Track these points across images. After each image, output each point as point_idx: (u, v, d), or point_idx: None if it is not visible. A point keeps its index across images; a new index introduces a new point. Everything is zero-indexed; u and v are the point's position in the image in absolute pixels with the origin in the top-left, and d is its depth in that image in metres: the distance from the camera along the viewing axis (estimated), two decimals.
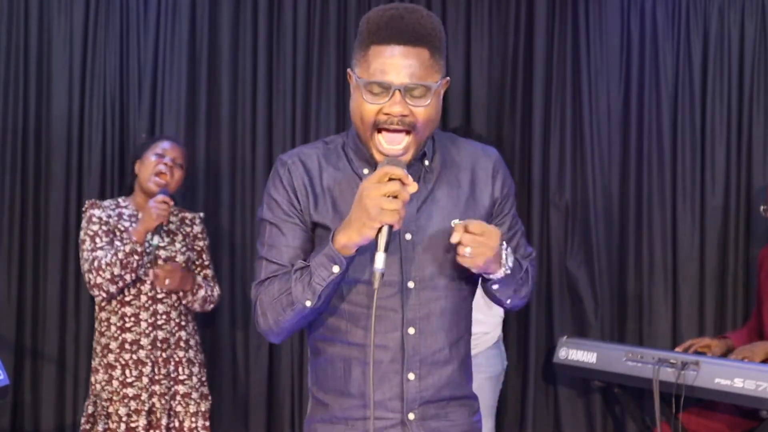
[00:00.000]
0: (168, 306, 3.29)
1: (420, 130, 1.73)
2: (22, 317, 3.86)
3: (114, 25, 3.90)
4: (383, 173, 1.63)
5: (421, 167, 1.83)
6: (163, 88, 3.90)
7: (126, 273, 3.14)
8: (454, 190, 1.85)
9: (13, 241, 3.86)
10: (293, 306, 1.72)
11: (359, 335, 1.78)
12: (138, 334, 3.25)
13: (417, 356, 1.79)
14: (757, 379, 3.04)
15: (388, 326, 1.77)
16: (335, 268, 1.67)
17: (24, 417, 3.85)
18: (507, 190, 1.91)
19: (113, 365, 3.24)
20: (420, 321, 1.79)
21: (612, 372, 3.45)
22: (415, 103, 1.70)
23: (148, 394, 3.23)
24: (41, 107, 3.90)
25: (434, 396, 1.82)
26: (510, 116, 4.03)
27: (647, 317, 3.99)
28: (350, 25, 3.97)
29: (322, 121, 3.96)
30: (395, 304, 1.78)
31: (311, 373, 1.90)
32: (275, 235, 1.80)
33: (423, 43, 1.70)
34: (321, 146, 1.89)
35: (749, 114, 3.98)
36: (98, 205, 3.32)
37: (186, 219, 3.45)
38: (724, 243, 3.98)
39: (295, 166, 1.83)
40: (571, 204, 3.97)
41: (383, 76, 1.70)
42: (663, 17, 3.99)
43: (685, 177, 3.99)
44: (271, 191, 1.84)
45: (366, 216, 1.61)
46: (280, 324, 1.76)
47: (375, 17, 1.74)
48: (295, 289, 1.71)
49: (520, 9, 4.01)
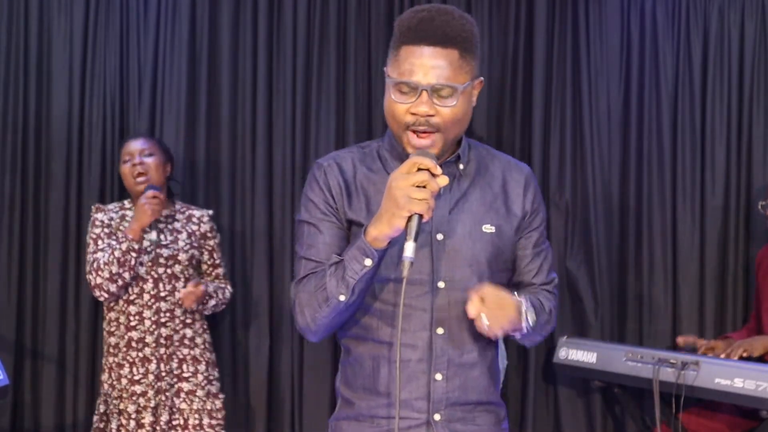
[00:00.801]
0: (171, 304, 3.33)
1: (447, 129, 1.75)
2: (22, 317, 3.86)
3: (114, 25, 3.90)
4: (412, 163, 1.65)
5: (455, 169, 1.85)
6: (163, 88, 3.90)
7: (124, 271, 3.18)
8: (487, 196, 1.87)
9: (13, 241, 3.85)
10: (328, 301, 1.73)
11: (388, 333, 1.80)
12: (143, 332, 3.29)
13: (445, 357, 1.80)
14: (757, 379, 3.04)
15: (416, 325, 1.79)
16: (367, 261, 1.69)
17: (24, 417, 3.85)
18: (537, 205, 1.92)
19: (121, 364, 3.29)
20: (449, 322, 1.80)
21: (612, 372, 3.45)
22: (442, 103, 1.73)
23: (155, 390, 3.27)
24: (41, 107, 3.89)
25: (460, 398, 1.83)
26: (510, 116, 4.03)
27: (647, 317, 3.99)
28: (350, 25, 3.97)
29: (322, 121, 3.96)
30: (425, 303, 1.79)
31: (340, 372, 1.92)
32: (313, 234, 1.82)
33: (452, 44, 1.72)
34: (356, 150, 1.92)
35: (749, 114, 3.98)
36: (102, 209, 3.40)
37: (193, 217, 3.47)
38: (724, 243, 3.98)
39: (330, 168, 1.85)
40: (571, 204, 3.97)
41: (411, 76, 1.73)
42: (663, 17, 3.99)
43: (685, 177, 3.99)
44: (308, 193, 1.86)
45: (395, 206, 1.63)
46: (317, 321, 1.77)
47: (407, 18, 1.77)
48: (330, 284, 1.72)
49: (520, 9, 4.01)
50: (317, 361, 3.90)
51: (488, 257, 1.83)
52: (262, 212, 3.91)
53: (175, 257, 3.34)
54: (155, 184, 3.35)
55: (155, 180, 3.36)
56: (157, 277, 3.32)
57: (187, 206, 3.51)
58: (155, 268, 3.32)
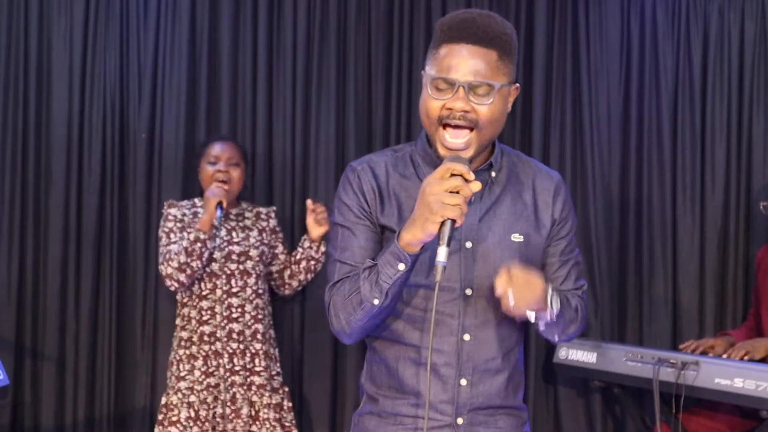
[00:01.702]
0: (242, 299, 3.40)
1: (483, 127, 1.76)
2: (22, 317, 3.86)
3: (114, 25, 3.90)
4: (445, 169, 1.67)
5: (487, 177, 1.87)
6: (163, 88, 3.90)
7: (192, 260, 3.25)
8: (517, 205, 1.89)
9: (13, 241, 3.85)
10: (362, 305, 1.76)
11: (415, 337, 1.83)
12: (214, 326, 3.37)
13: (471, 363, 1.84)
14: (757, 379, 3.04)
15: (444, 331, 1.82)
16: (401, 265, 1.71)
17: (24, 417, 3.85)
18: (566, 213, 1.94)
19: (195, 356, 3.37)
20: (476, 329, 1.84)
21: (612, 372, 3.46)
22: (478, 101, 1.74)
23: (227, 384, 3.35)
24: (41, 107, 3.89)
25: (484, 403, 1.87)
26: (510, 116, 4.00)
27: (647, 317, 3.99)
28: (350, 25, 3.97)
29: (322, 121, 3.96)
30: (453, 309, 1.82)
31: (366, 369, 1.96)
32: (347, 237, 1.84)
33: (492, 45, 1.75)
34: (390, 154, 1.93)
35: (749, 114, 3.98)
36: (175, 204, 3.48)
37: (261, 214, 3.57)
38: (724, 243, 3.98)
39: (364, 172, 1.87)
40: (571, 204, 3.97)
41: (449, 72, 1.74)
42: (663, 17, 3.99)
43: (685, 177, 3.99)
44: (342, 196, 1.88)
45: (428, 211, 1.64)
46: (351, 324, 1.80)
47: (449, 19, 1.80)
48: (364, 288, 1.74)
49: (520, 9, 4.01)
50: (317, 361, 3.90)
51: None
52: None
53: (247, 253, 3.42)
54: (234, 195, 3.48)
55: (235, 190, 3.47)
56: (230, 273, 3.39)
57: (252, 205, 3.61)
58: (227, 264, 3.39)
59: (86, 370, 3.84)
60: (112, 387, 3.87)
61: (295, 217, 3.93)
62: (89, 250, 3.86)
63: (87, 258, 3.86)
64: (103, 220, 3.89)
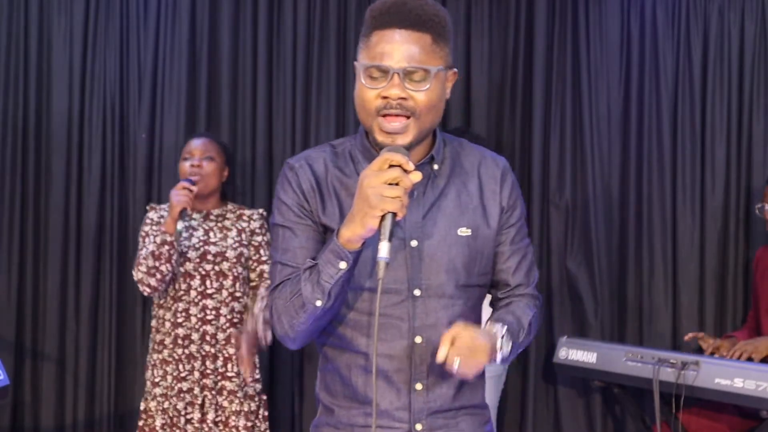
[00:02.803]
0: (218, 302, 3.29)
1: (421, 115, 1.68)
2: (22, 317, 3.86)
3: (114, 25, 3.90)
4: (383, 160, 1.59)
5: (429, 170, 1.78)
6: (163, 88, 3.91)
7: (160, 264, 3.14)
8: (462, 197, 1.80)
9: (13, 242, 3.86)
10: (305, 307, 1.67)
11: (362, 343, 1.75)
12: (189, 329, 3.27)
13: (424, 366, 1.75)
14: (757, 379, 3.04)
15: (394, 335, 1.73)
16: (342, 264, 1.62)
17: (24, 417, 3.85)
18: (514, 200, 1.85)
19: (168, 361, 3.27)
20: (428, 330, 1.74)
21: (612, 372, 3.45)
22: (414, 88, 1.67)
23: (200, 387, 3.26)
24: (41, 107, 3.90)
25: (443, 406, 1.78)
26: (510, 116, 4.03)
27: (647, 317, 3.99)
28: (350, 25, 3.97)
29: (322, 121, 3.96)
30: (402, 312, 1.73)
31: (319, 379, 1.88)
32: (288, 238, 1.77)
33: (425, 28, 1.68)
34: (328, 150, 1.83)
35: (749, 114, 3.98)
36: (154, 207, 3.37)
37: (244, 215, 3.42)
38: (724, 243, 3.98)
39: (302, 169, 1.78)
40: (571, 204, 3.97)
41: (382, 59, 1.66)
42: (663, 17, 3.99)
43: (685, 177, 3.99)
44: (281, 195, 1.80)
45: (367, 205, 1.57)
46: (295, 328, 1.71)
47: (379, 4, 1.72)
48: (305, 290, 1.66)
49: (520, 9, 4.01)
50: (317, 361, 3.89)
51: (465, 261, 1.77)
52: None
53: (223, 254, 3.30)
54: (209, 189, 3.32)
55: (209, 185, 3.32)
56: (205, 274, 3.27)
57: (239, 207, 3.46)
58: (203, 264, 3.27)
59: (86, 370, 3.85)
60: (112, 387, 3.87)
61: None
62: (89, 250, 3.87)
63: (87, 258, 3.87)
64: (103, 220, 3.89)
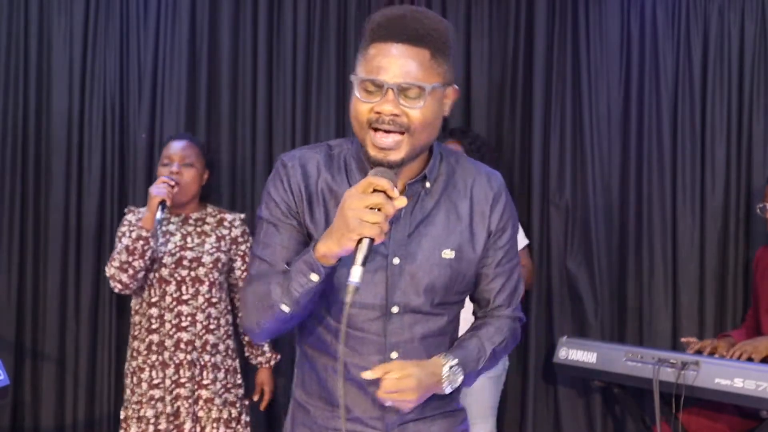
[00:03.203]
0: (193, 308, 3.22)
1: (414, 132, 1.66)
2: (22, 317, 3.86)
3: (114, 25, 3.90)
4: (367, 183, 1.57)
5: (420, 188, 1.77)
6: (163, 88, 3.90)
7: (134, 259, 3.08)
8: (451, 217, 1.78)
9: (13, 241, 3.86)
10: (272, 308, 1.68)
11: (343, 352, 1.74)
12: (163, 335, 3.20)
13: None
14: (757, 379, 3.04)
15: (370, 350, 1.75)
16: (313, 276, 1.62)
17: (24, 417, 3.85)
18: (504, 223, 1.83)
19: (142, 367, 3.22)
20: (403, 345, 1.76)
21: (612, 372, 3.45)
22: (409, 104, 1.64)
23: (172, 396, 3.19)
24: (41, 107, 3.90)
25: (416, 416, 1.81)
26: (510, 116, 4.03)
27: (647, 317, 3.99)
28: (350, 25, 3.97)
29: (322, 121, 3.96)
30: (378, 328, 1.75)
31: (297, 376, 1.89)
32: (271, 234, 1.76)
33: (423, 44, 1.65)
34: (324, 151, 1.82)
35: (749, 114, 3.98)
36: (132, 210, 3.32)
37: (224, 221, 3.35)
38: (724, 243, 3.98)
39: (294, 169, 1.77)
40: (571, 204, 3.97)
41: (378, 73, 1.64)
42: (663, 17, 3.99)
43: (685, 177, 3.99)
44: (271, 190, 1.78)
45: (346, 227, 1.55)
46: (261, 325, 1.72)
47: (378, 16, 1.70)
48: (275, 292, 1.67)
49: (520, 9, 4.01)
50: None
51: (446, 282, 1.77)
52: None
53: (199, 260, 3.23)
54: (187, 197, 3.26)
55: (188, 192, 3.25)
56: (180, 279, 3.21)
57: (219, 210, 3.39)
58: (178, 270, 3.21)
59: (86, 370, 3.84)
60: (112, 387, 3.87)
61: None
62: (89, 250, 3.87)
63: (87, 258, 3.86)
64: (103, 220, 3.89)
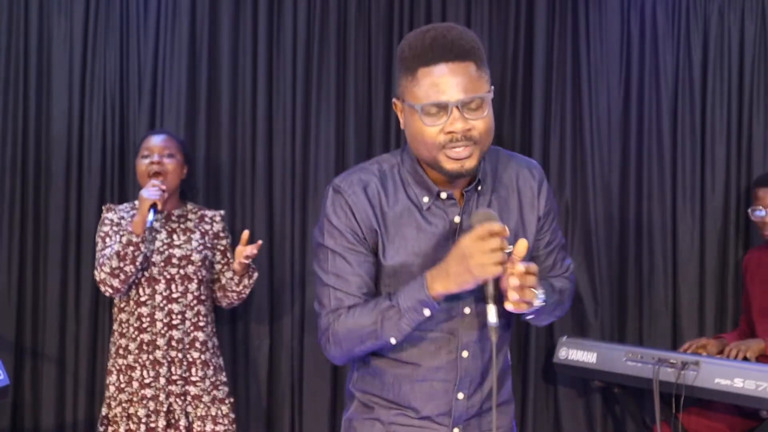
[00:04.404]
0: (183, 306, 3.25)
1: (482, 141, 1.75)
2: (22, 317, 3.86)
3: (114, 25, 3.90)
4: (485, 231, 1.65)
5: (474, 192, 1.85)
6: (163, 88, 3.90)
7: (125, 265, 3.09)
8: (503, 215, 1.87)
9: (13, 241, 3.85)
10: (376, 340, 1.78)
11: (413, 354, 1.85)
12: (154, 334, 3.22)
13: (468, 377, 1.87)
14: (757, 379, 3.04)
15: (449, 350, 1.85)
16: (426, 311, 1.73)
17: (24, 417, 3.85)
18: (549, 206, 1.95)
19: (132, 366, 3.22)
20: (473, 344, 1.86)
21: (612, 372, 3.46)
22: (474, 116, 1.72)
23: (166, 394, 3.22)
24: (41, 107, 3.89)
25: (480, 410, 1.92)
26: (510, 116, 4.03)
27: (647, 317, 4.00)
28: (350, 26, 3.97)
29: (322, 121, 3.96)
30: (452, 328, 1.85)
31: (357, 376, 1.96)
32: (340, 264, 1.81)
33: (468, 57, 1.72)
34: (377, 171, 1.86)
35: (749, 114, 3.98)
36: (112, 208, 3.32)
37: (206, 217, 3.40)
38: (724, 243, 3.98)
39: (356, 195, 1.82)
40: (571, 204, 3.97)
41: (438, 96, 1.70)
42: (663, 17, 3.99)
43: (685, 177, 3.99)
44: (332, 219, 1.82)
45: (469, 273, 1.65)
46: (353, 352, 1.83)
47: (415, 41, 1.74)
48: (384, 327, 1.75)
49: (520, 9, 4.01)
50: (317, 361, 3.89)
51: None
52: (262, 212, 3.91)
53: (189, 257, 3.26)
54: (171, 188, 3.28)
55: (171, 183, 3.28)
56: (170, 278, 3.24)
57: (199, 207, 3.44)
58: (167, 268, 3.23)
59: (86, 370, 3.84)
60: None
61: (295, 220, 3.93)
62: (89, 250, 3.86)
63: (87, 258, 3.86)
64: None
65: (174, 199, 3.36)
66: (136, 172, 3.35)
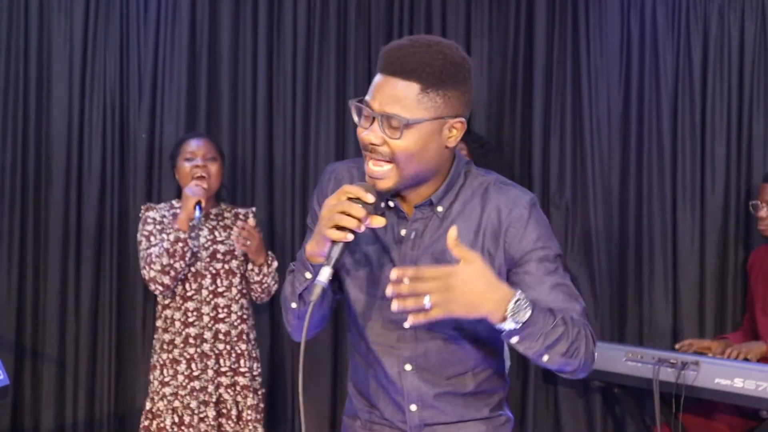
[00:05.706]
0: (229, 299, 3.33)
1: (399, 163, 1.67)
2: (22, 317, 3.86)
3: (114, 25, 3.90)
4: (342, 191, 1.63)
5: (431, 212, 1.77)
6: (163, 88, 3.90)
7: (175, 261, 3.17)
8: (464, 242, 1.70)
9: (13, 241, 3.85)
10: (286, 305, 1.80)
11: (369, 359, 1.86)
12: (201, 328, 3.28)
13: (415, 392, 1.83)
14: (757, 379, 3.04)
15: (391, 362, 1.83)
16: (308, 274, 1.71)
17: (24, 417, 3.85)
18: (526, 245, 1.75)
19: (178, 360, 3.28)
20: (417, 359, 1.82)
21: (612, 372, 3.46)
22: (391, 135, 1.65)
23: (215, 385, 3.29)
24: (41, 107, 3.89)
25: (440, 421, 1.86)
26: (510, 116, 4.03)
27: (647, 317, 3.99)
28: (350, 26, 3.97)
29: (322, 121, 3.96)
30: (393, 341, 1.82)
31: (350, 369, 1.99)
32: (307, 238, 1.83)
33: (411, 77, 1.63)
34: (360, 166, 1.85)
35: (749, 114, 3.98)
36: (153, 207, 3.37)
37: (240, 215, 3.46)
38: (724, 243, 3.98)
39: (329, 182, 1.86)
40: (571, 204, 3.97)
41: (371, 102, 1.67)
42: (663, 17, 3.99)
43: (685, 177, 3.99)
44: (312, 198, 1.90)
45: (319, 230, 1.65)
46: (289, 322, 1.84)
47: (387, 45, 1.73)
48: (286, 290, 1.80)
49: (520, 9, 4.01)
50: (317, 360, 3.90)
51: None
52: (262, 212, 3.91)
53: (232, 252, 3.34)
54: (212, 191, 3.34)
55: (213, 185, 3.34)
56: (215, 272, 3.31)
57: (232, 206, 3.52)
58: (213, 264, 3.31)
59: (86, 370, 3.84)
60: (112, 387, 3.86)
61: (295, 220, 3.93)
62: (89, 250, 3.87)
63: (87, 258, 3.86)
64: (103, 220, 3.89)
65: (211, 199, 3.42)
66: (178, 174, 3.36)
